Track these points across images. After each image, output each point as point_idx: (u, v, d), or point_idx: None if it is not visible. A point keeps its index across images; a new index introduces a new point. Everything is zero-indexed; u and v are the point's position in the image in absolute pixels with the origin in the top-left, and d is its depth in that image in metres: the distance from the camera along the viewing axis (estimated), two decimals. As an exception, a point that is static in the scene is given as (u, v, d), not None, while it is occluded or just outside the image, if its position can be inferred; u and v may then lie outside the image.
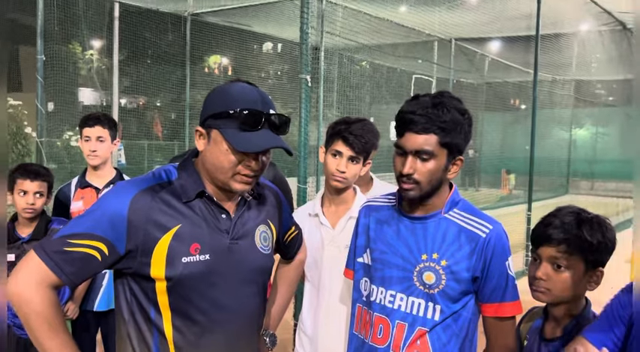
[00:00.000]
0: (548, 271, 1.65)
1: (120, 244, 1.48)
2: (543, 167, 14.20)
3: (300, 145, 3.96)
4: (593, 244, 1.62)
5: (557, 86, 16.01)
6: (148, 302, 1.54)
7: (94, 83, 12.47)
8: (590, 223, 1.64)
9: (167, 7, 9.81)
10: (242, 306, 1.63)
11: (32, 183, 2.77)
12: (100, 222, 1.48)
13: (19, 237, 2.82)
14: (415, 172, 1.64)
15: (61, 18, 8.41)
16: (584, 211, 1.70)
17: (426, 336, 1.69)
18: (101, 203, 1.53)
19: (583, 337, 1.44)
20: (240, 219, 1.64)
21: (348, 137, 2.20)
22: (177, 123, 11.86)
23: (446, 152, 1.65)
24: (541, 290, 1.66)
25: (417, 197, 1.69)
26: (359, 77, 11.00)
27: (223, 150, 1.52)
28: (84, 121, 3.17)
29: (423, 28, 10.86)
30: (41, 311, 1.44)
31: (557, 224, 1.65)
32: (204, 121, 1.56)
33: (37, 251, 1.47)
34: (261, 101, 1.55)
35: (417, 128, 1.62)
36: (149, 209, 1.50)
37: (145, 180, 1.58)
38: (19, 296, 1.44)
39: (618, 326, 1.38)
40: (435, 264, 1.68)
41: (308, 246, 2.31)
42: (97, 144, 3.11)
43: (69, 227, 1.50)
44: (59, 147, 10.60)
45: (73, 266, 1.46)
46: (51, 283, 1.46)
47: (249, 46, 12.69)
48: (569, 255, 1.63)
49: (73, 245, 1.46)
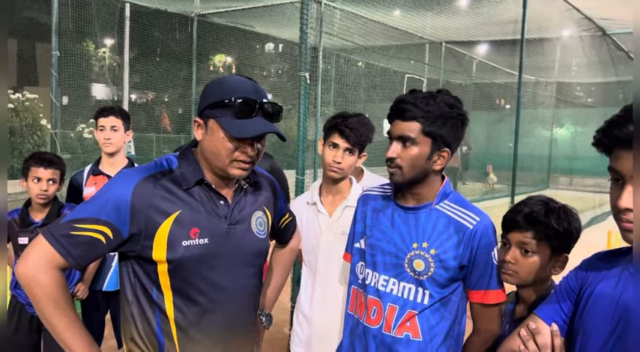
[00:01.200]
0: (516, 255, 1.67)
1: (124, 228, 1.47)
2: (526, 163, 14.24)
3: (299, 139, 3.96)
4: (560, 231, 1.63)
5: (540, 87, 16.01)
6: (151, 284, 1.53)
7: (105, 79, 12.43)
8: (557, 212, 1.66)
9: (175, 7, 9.77)
10: (240, 287, 1.62)
11: (46, 170, 2.74)
12: (105, 207, 1.46)
13: (33, 221, 2.80)
14: (398, 157, 1.65)
15: (75, 17, 8.37)
16: (553, 201, 1.71)
17: (415, 318, 1.69)
18: (106, 189, 1.52)
19: (534, 313, 1.45)
20: (237, 205, 1.63)
21: (345, 130, 2.20)
22: (184, 118, 11.86)
23: (430, 141, 1.64)
24: (509, 272, 1.68)
25: (400, 182, 1.69)
26: (354, 76, 10.97)
27: (220, 138, 1.51)
28: (99, 112, 3.17)
29: (416, 31, 10.84)
30: (49, 291, 1.43)
31: (527, 211, 1.66)
32: (202, 112, 1.55)
33: (45, 235, 1.45)
34: (254, 91, 1.54)
35: (403, 116, 1.64)
36: (151, 195, 1.49)
37: (148, 168, 1.57)
38: (28, 277, 1.43)
39: (565, 302, 1.39)
40: (425, 253, 1.68)
41: (306, 232, 2.31)
42: (111, 132, 3.11)
43: (75, 212, 1.48)
44: (73, 138, 10.57)
45: (78, 249, 1.45)
46: (58, 265, 1.45)
47: (251, 45, 12.67)
48: (537, 241, 1.64)
49: (79, 229, 1.45)
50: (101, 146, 3.15)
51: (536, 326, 1.40)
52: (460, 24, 10.30)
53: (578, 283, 1.37)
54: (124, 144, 3.23)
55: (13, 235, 2.82)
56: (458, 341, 1.76)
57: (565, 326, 1.38)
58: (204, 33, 10.23)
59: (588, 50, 12.05)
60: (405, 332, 1.70)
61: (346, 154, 2.22)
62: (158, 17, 10.04)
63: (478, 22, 10.00)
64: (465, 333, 1.79)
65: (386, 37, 10.52)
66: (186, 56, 10.36)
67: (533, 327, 1.40)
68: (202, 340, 1.55)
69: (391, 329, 1.71)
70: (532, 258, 1.66)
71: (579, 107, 18.63)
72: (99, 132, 3.14)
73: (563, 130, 18.74)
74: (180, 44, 10.54)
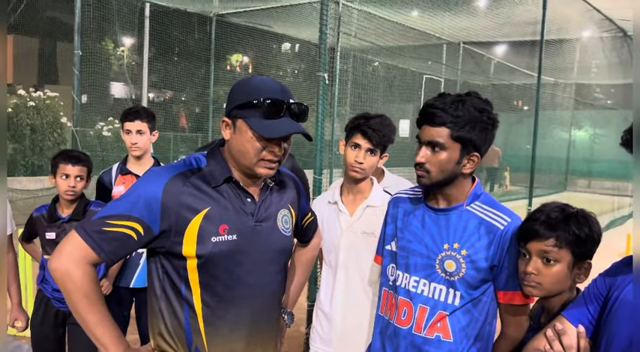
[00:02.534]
0: (538, 265, 1.62)
1: (154, 225, 1.51)
2: (543, 165, 14.09)
3: (317, 139, 3.98)
4: (581, 237, 1.59)
5: (559, 89, 15.84)
6: (180, 279, 1.57)
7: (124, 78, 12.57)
8: (576, 217, 1.62)
9: (194, 7, 9.86)
10: (265, 284, 1.66)
11: (74, 167, 2.81)
12: (137, 204, 1.50)
13: (60, 217, 2.87)
14: (427, 162, 1.66)
15: (96, 16, 8.49)
16: (569, 206, 1.67)
17: (446, 319, 1.71)
18: (137, 187, 1.56)
19: (562, 315, 1.46)
20: (263, 203, 1.66)
21: (367, 131, 2.23)
22: (202, 117, 11.93)
23: (459, 146, 1.65)
24: (532, 284, 1.63)
25: (429, 185, 1.71)
26: (371, 77, 10.97)
27: (248, 138, 1.54)
28: (125, 115, 3.22)
29: (433, 32, 10.81)
30: (81, 286, 1.47)
31: (544, 219, 1.62)
32: (230, 112, 1.58)
33: (79, 230, 1.50)
34: (281, 91, 1.57)
35: (432, 121, 1.65)
36: (181, 193, 1.53)
37: (177, 166, 1.61)
38: (61, 272, 1.47)
39: (592, 304, 1.39)
40: (456, 253, 1.69)
41: (327, 231, 2.34)
42: (137, 137, 3.17)
43: (108, 209, 1.53)
44: (92, 136, 10.71)
45: (110, 245, 1.49)
46: (91, 260, 1.49)
47: (268, 45, 12.72)
48: (558, 248, 1.60)
49: (111, 225, 1.49)
50: (128, 149, 3.22)
51: (563, 327, 1.41)
52: (478, 24, 10.24)
53: (606, 286, 1.38)
54: (151, 144, 3.30)
55: (41, 230, 2.89)
56: (488, 342, 1.76)
57: (591, 327, 1.39)
58: (222, 33, 10.29)
59: (609, 51, 11.91)
60: (435, 332, 1.71)
61: (368, 154, 2.25)
62: (177, 17, 10.14)
63: (497, 22, 9.94)
64: (495, 335, 1.79)
65: (403, 38, 10.50)
66: (204, 55, 10.45)
67: (559, 328, 1.41)
68: (229, 334, 1.59)
69: (422, 329, 1.72)
70: (555, 267, 1.61)
71: (598, 109, 18.40)
72: (125, 136, 3.20)
73: (582, 132, 18.52)
74: (198, 44, 10.64)
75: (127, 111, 3.25)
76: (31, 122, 10.78)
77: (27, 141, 10.78)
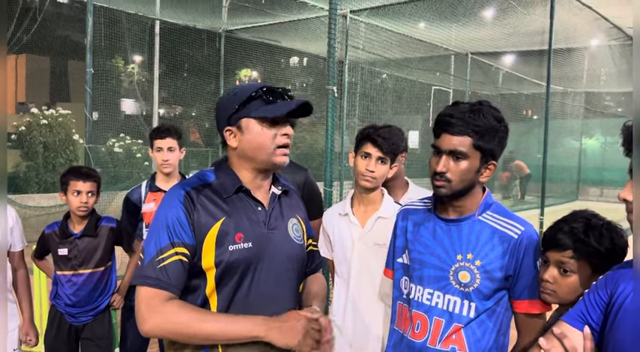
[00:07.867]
0: (554, 274, 1.63)
1: (191, 240, 1.55)
2: (555, 174, 14.00)
3: (327, 151, 3.99)
4: (601, 251, 1.57)
5: (569, 98, 15.80)
6: (197, 291, 1.58)
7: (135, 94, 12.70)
8: (599, 230, 1.59)
9: (203, 24, 9.98)
10: (279, 291, 1.66)
11: (85, 183, 2.83)
12: (170, 230, 1.54)
13: (72, 233, 2.88)
14: (448, 171, 1.65)
15: (107, 34, 8.61)
16: (597, 217, 1.65)
17: (462, 331, 1.68)
18: (160, 214, 1.58)
19: (561, 319, 1.42)
20: (273, 212, 1.69)
21: (377, 139, 2.22)
22: (212, 132, 11.99)
23: (479, 155, 1.65)
24: (547, 291, 1.64)
25: (449, 195, 1.68)
26: (380, 89, 10.99)
27: (259, 131, 1.59)
28: (155, 133, 3.26)
29: (441, 43, 10.84)
30: (182, 321, 1.47)
31: (566, 229, 1.62)
32: (229, 119, 1.62)
33: (139, 282, 1.51)
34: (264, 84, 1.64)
35: (453, 130, 1.64)
36: (196, 206, 1.57)
37: (188, 183, 1.64)
38: (160, 327, 1.48)
39: (595, 312, 1.36)
40: (470, 264, 1.67)
41: (339, 243, 2.33)
42: (168, 154, 3.21)
43: (149, 249, 1.54)
44: (103, 152, 10.79)
45: (172, 278, 1.51)
46: (165, 298, 1.50)
47: (277, 60, 12.81)
48: (576, 261, 1.59)
49: (161, 261, 1.51)
50: (159, 167, 3.25)
51: (562, 331, 1.38)
52: (486, 35, 10.27)
53: (608, 293, 1.34)
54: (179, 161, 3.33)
55: (53, 246, 2.91)
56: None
57: (595, 334, 1.36)
58: (231, 48, 10.40)
59: (618, 59, 11.88)
60: (451, 345, 1.69)
61: (379, 163, 2.24)
62: (187, 33, 10.25)
63: (504, 33, 9.96)
64: (509, 346, 1.77)
65: (411, 49, 10.54)
66: (213, 71, 10.53)
67: (558, 332, 1.38)
68: (245, 343, 1.58)
69: (437, 342, 1.70)
70: (571, 278, 1.61)
71: (609, 117, 18.31)
72: (156, 153, 3.23)
73: (593, 141, 18.41)
74: (208, 59, 10.73)
75: (157, 129, 3.30)
76: (44, 140, 10.89)
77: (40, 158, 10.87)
